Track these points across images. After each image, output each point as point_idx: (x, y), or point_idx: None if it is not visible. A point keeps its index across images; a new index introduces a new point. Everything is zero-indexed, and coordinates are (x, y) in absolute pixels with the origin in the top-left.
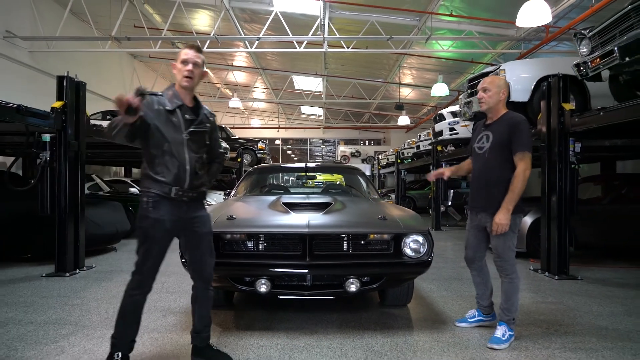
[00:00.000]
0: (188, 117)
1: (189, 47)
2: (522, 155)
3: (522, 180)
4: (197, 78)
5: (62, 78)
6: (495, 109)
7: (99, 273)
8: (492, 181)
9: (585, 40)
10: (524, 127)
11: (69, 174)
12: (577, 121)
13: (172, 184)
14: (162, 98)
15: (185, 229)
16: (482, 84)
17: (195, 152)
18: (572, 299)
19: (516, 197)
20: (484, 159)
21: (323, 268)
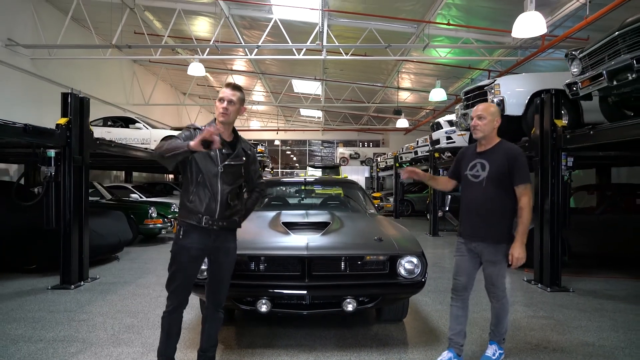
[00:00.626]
0: (225, 151)
1: (226, 85)
2: (525, 187)
3: (528, 212)
4: (233, 114)
5: (67, 95)
6: (489, 137)
7: (103, 285)
8: (492, 211)
9: (576, 61)
10: (523, 160)
11: (73, 187)
12: (568, 138)
13: (203, 214)
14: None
15: (211, 255)
16: (475, 111)
17: (229, 184)
18: (562, 313)
19: (527, 229)
20: (482, 189)
21: (321, 289)
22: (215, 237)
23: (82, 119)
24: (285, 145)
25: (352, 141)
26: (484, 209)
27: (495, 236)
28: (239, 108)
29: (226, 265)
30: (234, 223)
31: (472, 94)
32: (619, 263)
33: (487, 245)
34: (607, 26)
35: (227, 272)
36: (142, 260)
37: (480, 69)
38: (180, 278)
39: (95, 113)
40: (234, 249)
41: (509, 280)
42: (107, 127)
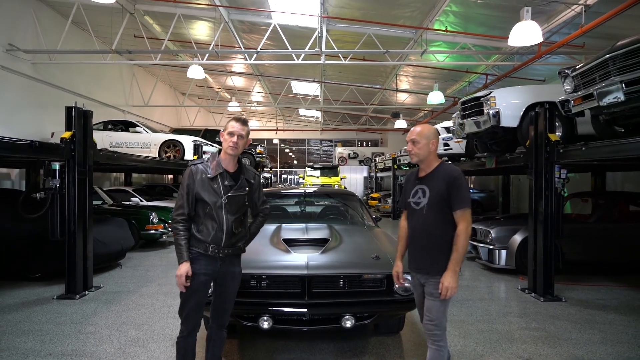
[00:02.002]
0: (227, 183)
1: (236, 120)
2: (463, 212)
3: (465, 238)
4: (241, 147)
5: (71, 109)
6: (427, 161)
7: (107, 294)
8: (433, 241)
9: (568, 79)
10: (461, 182)
11: (77, 198)
12: (561, 152)
13: (210, 243)
14: (206, 165)
15: (217, 279)
16: (410, 135)
17: (233, 213)
18: (554, 325)
19: (462, 257)
20: (423, 217)
21: (321, 307)
22: (222, 263)
23: (86, 131)
24: (284, 145)
25: (350, 141)
26: (425, 239)
27: (437, 268)
28: (247, 141)
29: (231, 288)
30: (239, 249)
31: (469, 104)
32: (612, 271)
33: (429, 277)
34: (604, 33)
35: (232, 294)
36: (144, 267)
37: (478, 73)
38: (192, 303)
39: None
40: (239, 273)
41: (503, 289)
42: (108, 130)
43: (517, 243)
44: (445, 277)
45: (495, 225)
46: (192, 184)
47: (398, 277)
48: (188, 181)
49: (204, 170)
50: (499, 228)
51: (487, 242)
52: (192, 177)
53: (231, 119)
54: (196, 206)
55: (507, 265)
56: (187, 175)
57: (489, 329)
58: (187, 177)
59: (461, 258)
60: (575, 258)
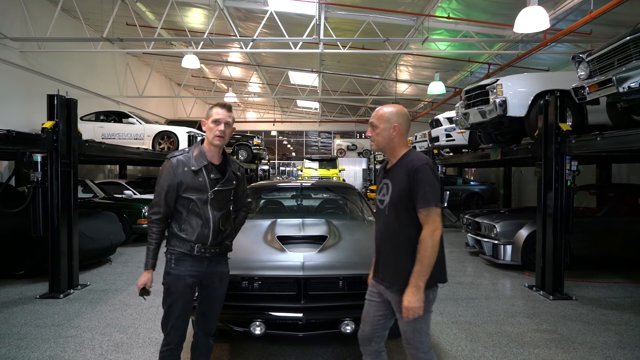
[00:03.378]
0: (213, 176)
1: (221, 106)
2: (427, 212)
3: (430, 246)
4: (228, 137)
5: (53, 97)
6: (389, 149)
7: (93, 293)
8: (396, 249)
9: (583, 64)
10: (427, 175)
11: (61, 192)
12: (573, 143)
13: (195, 242)
14: (188, 157)
15: (204, 281)
16: (370, 118)
17: (219, 209)
18: (566, 326)
19: (427, 269)
20: (385, 218)
21: (318, 311)
22: (209, 263)
23: (70, 121)
24: (282, 137)
25: (349, 132)
26: (388, 244)
27: (402, 281)
28: (232, 129)
29: (219, 290)
30: (227, 247)
31: (474, 93)
32: (620, 266)
33: (394, 293)
34: (612, 20)
35: (220, 297)
36: (134, 263)
37: (480, 62)
38: (178, 310)
39: (89, 106)
40: (227, 273)
41: (509, 287)
42: (100, 122)
43: (523, 238)
44: (405, 295)
45: (500, 220)
46: (172, 179)
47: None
48: (167, 176)
49: (185, 163)
50: (505, 222)
51: (492, 236)
52: (172, 172)
53: (214, 105)
54: (177, 203)
55: (513, 261)
56: (166, 170)
57: (497, 331)
58: (165, 171)
59: (427, 270)
60: (583, 254)
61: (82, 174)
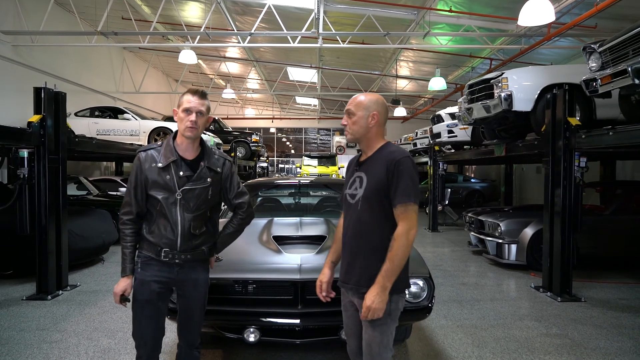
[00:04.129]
0: (183, 173)
1: (192, 93)
2: (405, 208)
3: (404, 245)
4: (201, 127)
5: (40, 90)
6: (365, 140)
7: (83, 294)
8: (365, 246)
9: (594, 55)
10: (405, 167)
11: (49, 189)
12: (583, 139)
13: (162, 246)
14: (156, 153)
15: (177, 289)
16: (347, 105)
17: (192, 211)
18: (577, 330)
19: (396, 269)
20: (357, 213)
21: (316, 317)
22: (179, 269)
23: (58, 115)
24: (280, 133)
25: None
26: (356, 241)
27: (367, 281)
28: (207, 119)
29: (195, 299)
30: (201, 254)
31: (477, 88)
32: (629, 266)
33: (357, 294)
34: (617, 14)
35: (198, 306)
36: None
37: (482, 57)
38: (144, 319)
39: (84, 102)
40: (204, 281)
41: (515, 288)
42: (95, 117)
43: (528, 237)
44: (369, 293)
45: (505, 218)
46: (139, 176)
47: (321, 287)
48: (135, 172)
49: (154, 158)
50: (509, 221)
51: (496, 235)
52: (139, 167)
53: (186, 92)
54: (147, 202)
55: (518, 261)
56: (135, 165)
57: (505, 336)
58: (134, 167)
59: (396, 270)
60: (590, 253)
61: (77, 170)
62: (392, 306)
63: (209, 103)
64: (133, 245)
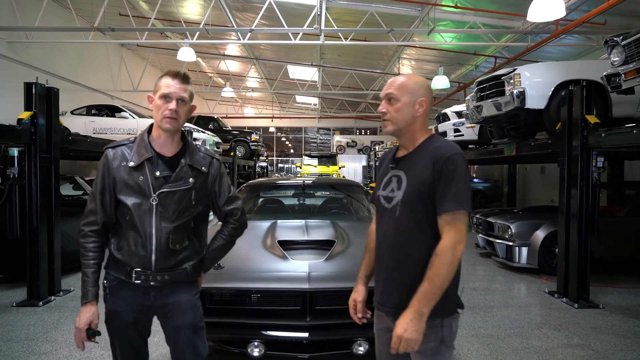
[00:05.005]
0: (160, 173)
1: (172, 75)
2: (452, 217)
3: (449, 262)
4: (183, 118)
5: (31, 85)
6: (408, 132)
7: (76, 300)
8: (408, 262)
9: (617, 48)
10: (460, 167)
11: (40, 190)
12: (603, 137)
13: (133, 265)
14: (127, 150)
15: (157, 315)
16: (387, 88)
17: (172, 220)
18: (599, 340)
19: (437, 292)
20: (394, 220)
21: (326, 329)
22: (157, 292)
23: (50, 112)
24: (280, 133)
25: (349, 129)
26: (395, 255)
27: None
28: (190, 108)
29: (183, 328)
30: (183, 274)
31: (487, 85)
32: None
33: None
34: (627, 10)
35: (189, 337)
36: None
37: (486, 55)
38: (121, 351)
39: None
40: (190, 304)
41: (528, 293)
42: (92, 116)
43: (540, 239)
44: (401, 319)
45: (515, 220)
46: (107, 177)
47: (356, 307)
48: (101, 173)
49: (124, 156)
50: (520, 223)
51: (506, 237)
52: (106, 167)
53: (163, 74)
54: (117, 210)
55: (529, 264)
56: (101, 165)
57: (524, 347)
58: (100, 167)
59: (436, 294)
60: (604, 256)
61: (74, 170)
62: (445, 332)
63: (192, 89)
64: (97, 263)
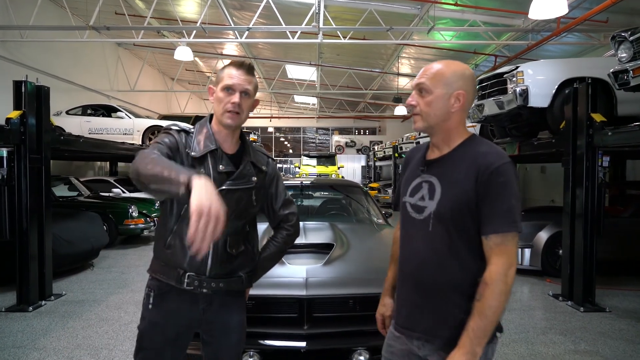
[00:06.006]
0: (223, 168)
1: (237, 66)
2: (503, 239)
3: (502, 292)
4: (246, 113)
5: (20, 83)
6: (442, 131)
7: (67, 304)
8: (444, 282)
9: (625, 44)
10: (510, 180)
11: (30, 192)
12: (610, 136)
13: (185, 269)
14: (190, 137)
15: (201, 332)
16: (419, 76)
17: (230, 220)
18: (607, 346)
19: (490, 326)
20: (428, 236)
21: (325, 338)
22: (207, 305)
23: (41, 111)
24: (279, 133)
25: (347, 129)
26: (428, 276)
27: (449, 333)
28: (254, 103)
29: (226, 349)
30: (238, 282)
31: (489, 83)
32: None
33: (430, 348)
34: (629, 8)
35: (230, 357)
36: (119, 268)
37: (486, 54)
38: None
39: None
40: (239, 324)
41: (532, 296)
42: (87, 116)
43: (543, 241)
44: (453, 357)
45: None
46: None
47: (384, 322)
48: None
49: (187, 143)
50: (523, 224)
51: None
52: (176, 146)
53: (227, 64)
54: (167, 203)
55: (532, 266)
56: (167, 140)
57: (530, 353)
58: (170, 141)
59: (489, 329)
60: (608, 257)
61: (70, 171)
62: (489, 356)
63: (257, 81)
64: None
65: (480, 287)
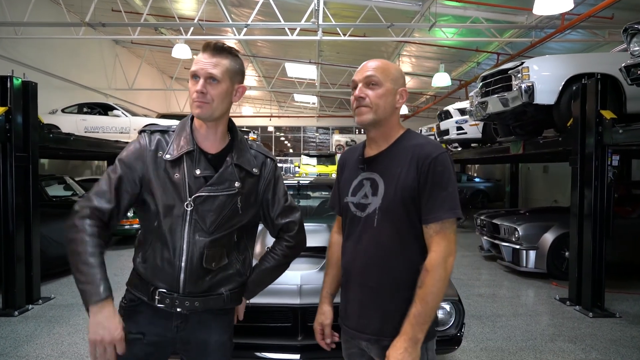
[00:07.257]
0: (200, 172)
1: (203, 48)
2: (441, 226)
3: (441, 278)
4: (217, 102)
5: (5, 79)
6: (385, 126)
7: (55, 309)
8: (390, 280)
9: (638, 36)
10: (447, 168)
11: (16, 191)
12: (621, 134)
13: (157, 285)
14: (165, 137)
15: (179, 352)
16: (364, 71)
17: (208, 232)
18: (620, 355)
19: (431, 312)
20: (372, 232)
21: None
22: (181, 322)
23: (28, 108)
24: (279, 132)
25: (348, 128)
26: (374, 274)
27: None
28: (231, 88)
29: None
30: (218, 301)
31: (493, 79)
32: None
33: (381, 348)
34: (635, 4)
35: None
36: (112, 270)
37: (489, 52)
38: None
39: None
40: (219, 345)
41: (538, 300)
42: (83, 114)
43: (549, 242)
44: (393, 349)
45: (523, 222)
46: (135, 164)
47: (323, 332)
48: (129, 157)
49: (161, 146)
50: (527, 225)
51: (513, 240)
52: (139, 154)
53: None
54: (145, 208)
55: (537, 269)
56: (134, 149)
57: None
58: (132, 150)
59: (430, 315)
60: (616, 260)
61: (67, 170)
62: (430, 355)
63: (232, 63)
64: (101, 252)
65: (422, 274)
